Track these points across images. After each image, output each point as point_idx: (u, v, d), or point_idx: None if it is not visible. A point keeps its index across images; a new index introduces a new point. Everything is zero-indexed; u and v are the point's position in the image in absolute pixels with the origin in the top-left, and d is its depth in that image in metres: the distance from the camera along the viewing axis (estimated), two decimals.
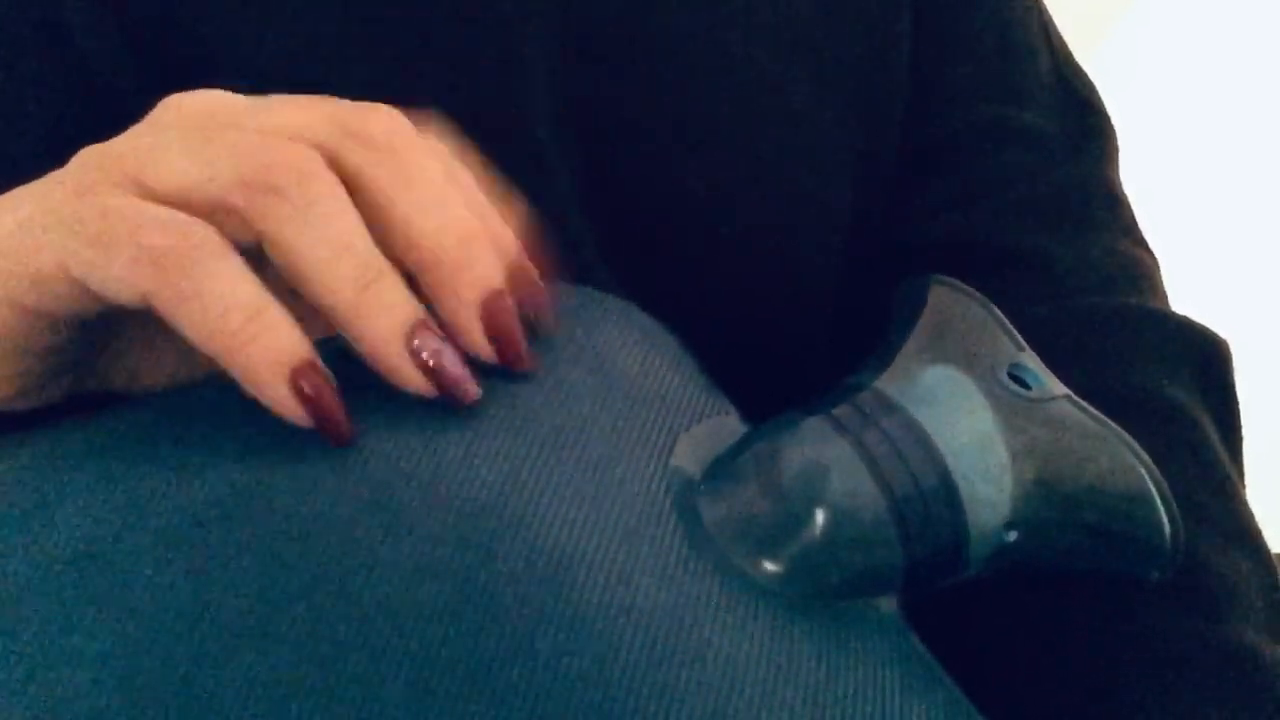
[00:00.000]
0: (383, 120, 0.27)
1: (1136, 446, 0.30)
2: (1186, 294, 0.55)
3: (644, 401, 0.30)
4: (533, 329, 0.29)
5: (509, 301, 0.28)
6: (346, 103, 0.28)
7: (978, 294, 0.33)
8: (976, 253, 0.43)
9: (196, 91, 0.28)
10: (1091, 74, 0.49)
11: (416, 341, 0.27)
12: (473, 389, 0.28)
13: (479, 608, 0.24)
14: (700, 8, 0.40)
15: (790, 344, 0.42)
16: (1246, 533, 0.36)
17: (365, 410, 0.27)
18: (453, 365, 0.27)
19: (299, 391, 0.26)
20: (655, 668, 0.24)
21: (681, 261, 0.40)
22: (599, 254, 0.39)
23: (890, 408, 0.29)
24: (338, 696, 0.23)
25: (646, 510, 0.28)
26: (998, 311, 0.32)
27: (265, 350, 0.25)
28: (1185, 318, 0.41)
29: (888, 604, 0.30)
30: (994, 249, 0.43)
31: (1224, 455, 0.38)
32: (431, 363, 0.27)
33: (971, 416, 0.30)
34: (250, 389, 0.26)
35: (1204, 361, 0.40)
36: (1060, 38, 0.49)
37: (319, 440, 0.26)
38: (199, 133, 0.27)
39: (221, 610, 0.24)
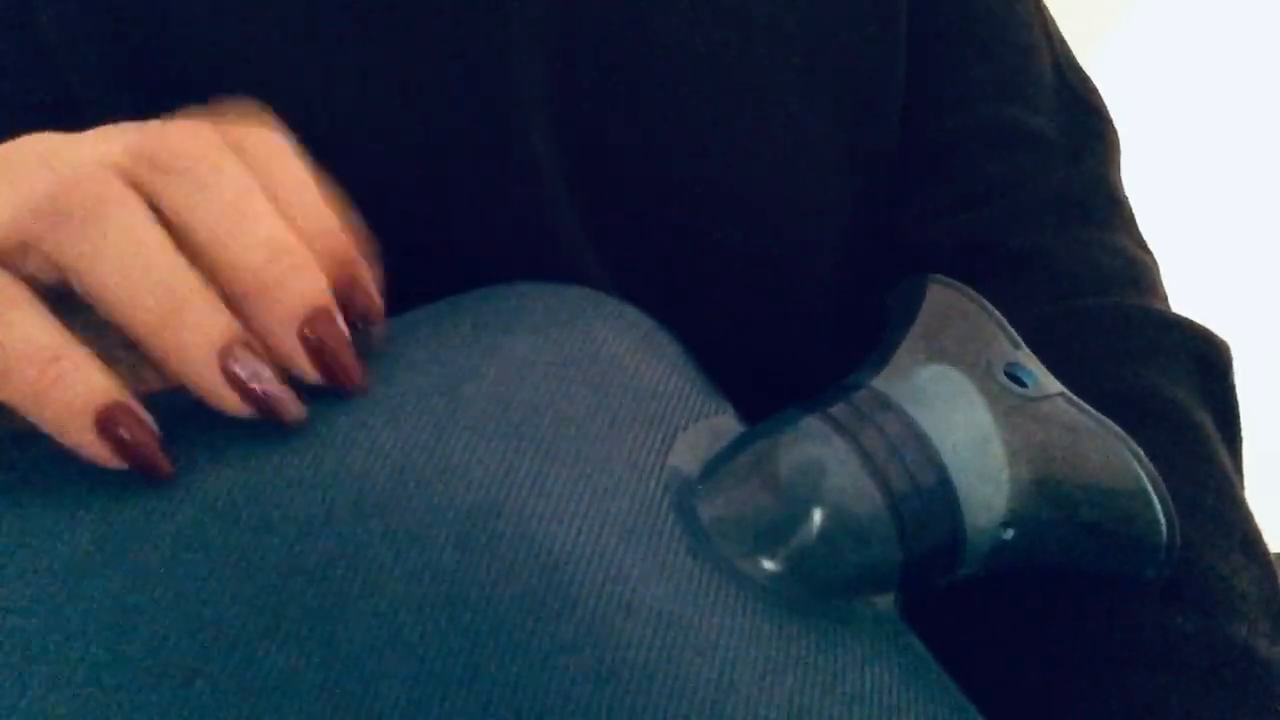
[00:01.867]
0: (181, 140, 0.26)
1: (1133, 445, 0.30)
2: (1186, 295, 0.55)
3: (642, 401, 0.30)
4: (364, 341, 0.28)
5: (332, 317, 0.27)
6: (148, 126, 0.27)
7: (975, 293, 0.33)
8: (977, 253, 0.43)
9: (24, 138, 0.27)
10: (1091, 74, 0.49)
11: (231, 361, 0.25)
12: (294, 409, 0.26)
13: (478, 606, 0.24)
14: (694, 8, 0.40)
15: (788, 343, 0.42)
16: (1245, 532, 0.36)
17: (365, 409, 0.27)
18: (270, 384, 0.26)
19: (108, 435, 0.25)
20: (652, 665, 0.24)
21: (678, 262, 0.40)
22: (593, 255, 0.39)
23: (887, 406, 0.29)
24: (337, 696, 0.23)
25: (644, 509, 0.28)
26: (994, 310, 0.32)
27: (66, 396, 0.24)
28: (1185, 318, 0.41)
29: (885, 602, 0.30)
30: (994, 250, 0.43)
31: (1223, 455, 0.38)
32: (249, 383, 0.26)
33: (968, 415, 0.30)
34: (56, 438, 0.25)
35: (1204, 362, 0.40)
36: (1061, 38, 0.49)
37: (316, 440, 0.26)
38: (5, 173, 0.26)
39: (222, 611, 0.24)
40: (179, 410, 0.28)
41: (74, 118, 0.28)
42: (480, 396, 0.28)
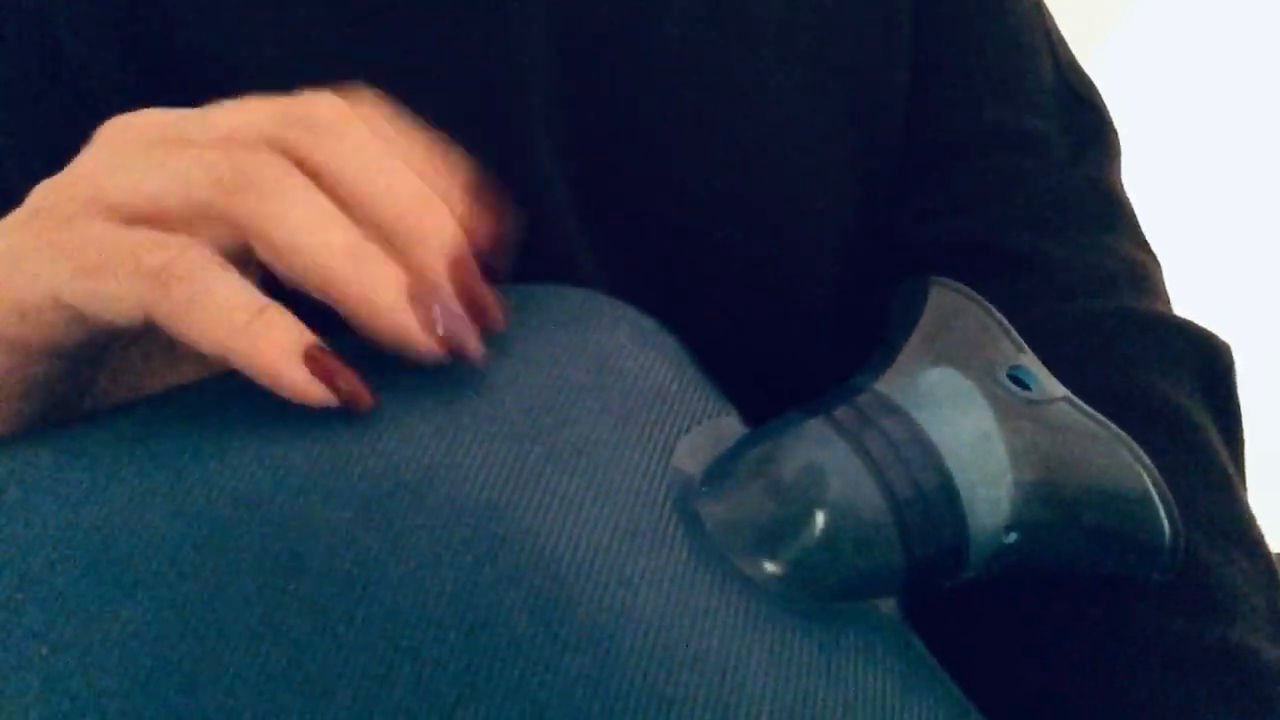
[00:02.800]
0: (321, 105, 0.28)
1: (1136, 448, 0.30)
2: (1188, 296, 0.55)
3: (644, 403, 0.30)
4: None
5: (471, 258, 0.29)
6: (282, 97, 0.29)
7: (977, 296, 0.33)
8: (978, 255, 0.43)
9: (138, 112, 0.29)
10: (1092, 74, 0.49)
11: (422, 296, 0.27)
12: (477, 344, 0.28)
13: (480, 609, 0.24)
14: (697, 12, 0.40)
15: (790, 345, 0.42)
16: (1247, 535, 0.36)
17: (364, 414, 0.27)
18: (459, 321, 0.28)
19: (316, 368, 0.26)
20: (655, 669, 0.24)
21: (680, 263, 0.40)
22: (596, 259, 0.39)
23: (890, 409, 0.29)
24: (339, 697, 0.23)
25: (647, 512, 0.28)
26: (997, 313, 0.32)
27: (276, 341, 0.26)
28: (1187, 320, 0.41)
29: (888, 605, 0.30)
30: (996, 252, 0.43)
31: (1225, 457, 0.38)
32: (438, 319, 0.27)
33: (971, 418, 0.30)
34: (267, 380, 0.26)
35: (1206, 364, 0.40)
36: (1062, 39, 0.49)
37: (317, 443, 0.26)
38: (157, 148, 0.27)
39: (225, 612, 0.24)
40: (187, 416, 0.28)
41: (95, 122, 0.29)
42: (484, 398, 0.28)
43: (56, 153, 0.28)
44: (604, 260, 0.39)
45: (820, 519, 0.28)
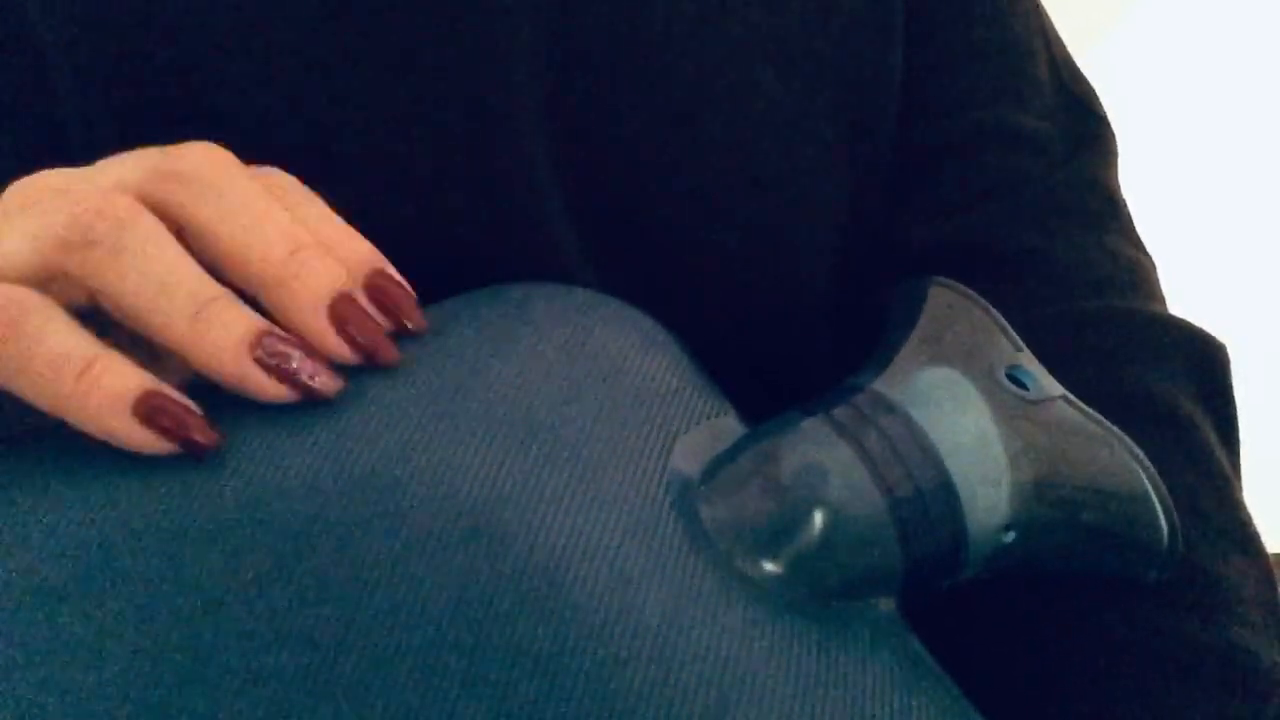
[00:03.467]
0: (195, 155, 0.28)
1: (1134, 447, 0.30)
2: (1184, 296, 0.55)
3: (643, 402, 0.30)
4: (401, 329, 0.30)
5: (355, 299, 0.28)
6: (159, 148, 0.28)
7: (976, 295, 0.33)
8: (975, 256, 0.43)
9: (41, 172, 0.29)
10: (1090, 75, 0.49)
11: (260, 350, 0.27)
12: (329, 381, 0.28)
13: (480, 608, 0.24)
14: (689, 12, 0.40)
15: (788, 345, 0.42)
16: (1244, 535, 0.36)
17: (367, 411, 0.27)
18: (302, 362, 0.27)
19: (148, 420, 0.26)
20: (654, 669, 0.24)
21: (674, 265, 0.40)
22: (589, 259, 0.39)
23: (889, 409, 0.29)
24: (340, 697, 0.23)
25: (646, 511, 0.28)
26: (995, 313, 0.32)
27: (104, 393, 0.26)
28: (1183, 320, 0.41)
29: (886, 605, 0.30)
30: (993, 252, 0.43)
31: (1222, 457, 0.38)
32: (278, 365, 0.27)
33: (969, 417, 0.30)
34: (102, 437, 0.26)
35: (1202, 364, 0.40)
36: (1059, 40, 0.49)
37: (316, 446, 0.26)
38: (32, 207, 0.27)
39: (223, 610, 0.24)
40: None
41: (72, 155, 0.29)
42: (482, 398, 0.28)
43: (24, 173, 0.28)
44: (598, 262, 0.39)
45: (819, 518, 0.28)
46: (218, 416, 0.27)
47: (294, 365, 0.27)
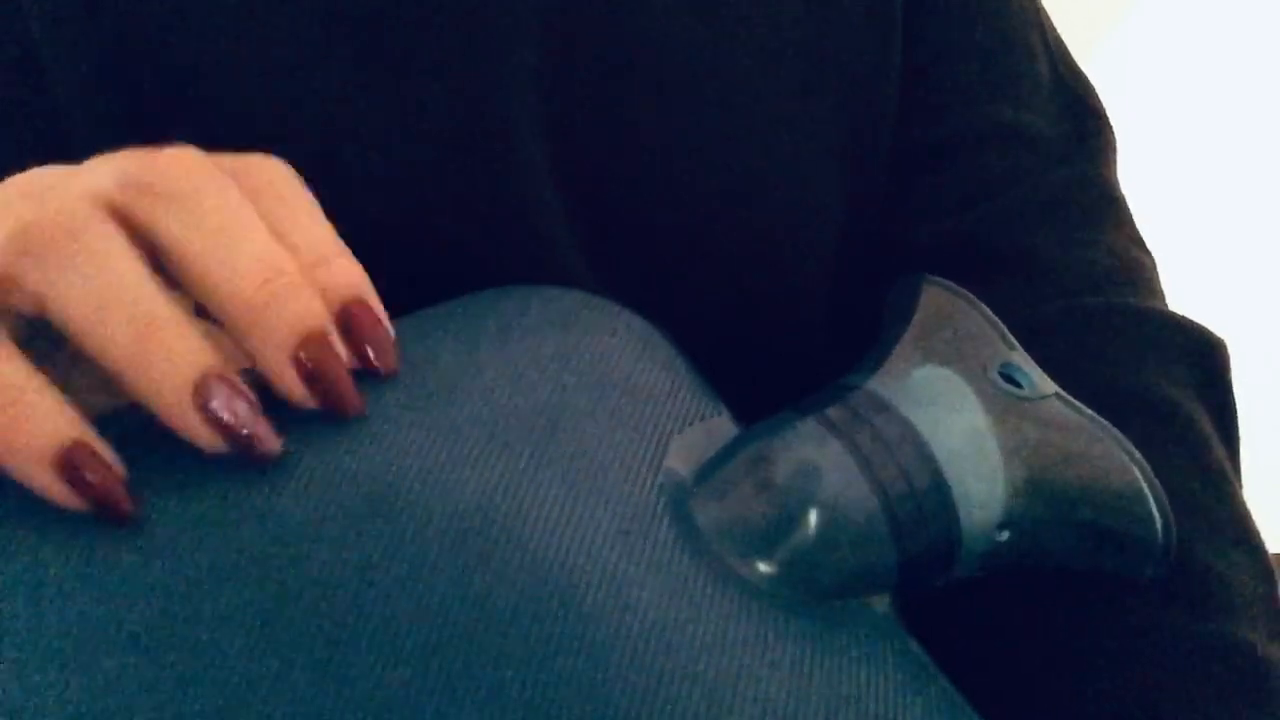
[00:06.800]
0: (169, 164, 0.26)
1: (1129, 444, 0.30)
2: (1184, 294, 0.55)
3: (637, 403, 0.30)
4: (370, 367, 0.27)
5: (328, 342, 0.26)
6: (138, 152, 0.26)
7: (969, 294, 0.33)
8: (973, 254, 0.43)
9: (26, 172, 0.27)
10: (1090, 74, 0.49)
11: (204, 395, 0.24)
12: (271, 444, 0.25)
13: (474, 611, 0.24)
14: (687, 11, 0.40)
15: (783, 345, 0.42)
16: (1243, 531, 0.36)
17: (358, 419, 0.27)
18: (249, 420, 0.25)
19: (68, 477, 0.24)
20: (649, 669, 0.24)
21: (670, 263, 0.40)
22: (586, 259, 0.39)
23: (883, 408, 0.29)
24: (335, 699, 0.23)
25: (640, 512, 0.28)
26: (989, 311, 0.32)
27: (26, 438, 0.24)
28: (1183, 317, 0.41)
29: (881, 604, 0.30)
30: (991, 250, 0.43)
31: (1221, 454, 0.38)
32: (223, 417, 0.24)
33: (963, 416, 0.30)
34: (19, 480, 0.24)
35: (1201, 361, 0.40)
36: (1058, 37, 0.49)
37: (311, 451, 0.26)
38: (4, 210, 0.25)
39: (219, 614, 0.24)
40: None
41: (74, 155, 0.28)
42: (475, 401, 0.28)
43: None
44: (595, 261, 0.39)
45: (813, 518, 0.28)
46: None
47: (239, 421, 0.25)
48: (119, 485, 0.24)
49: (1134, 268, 0.43)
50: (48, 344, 0.26)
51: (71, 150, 0.28)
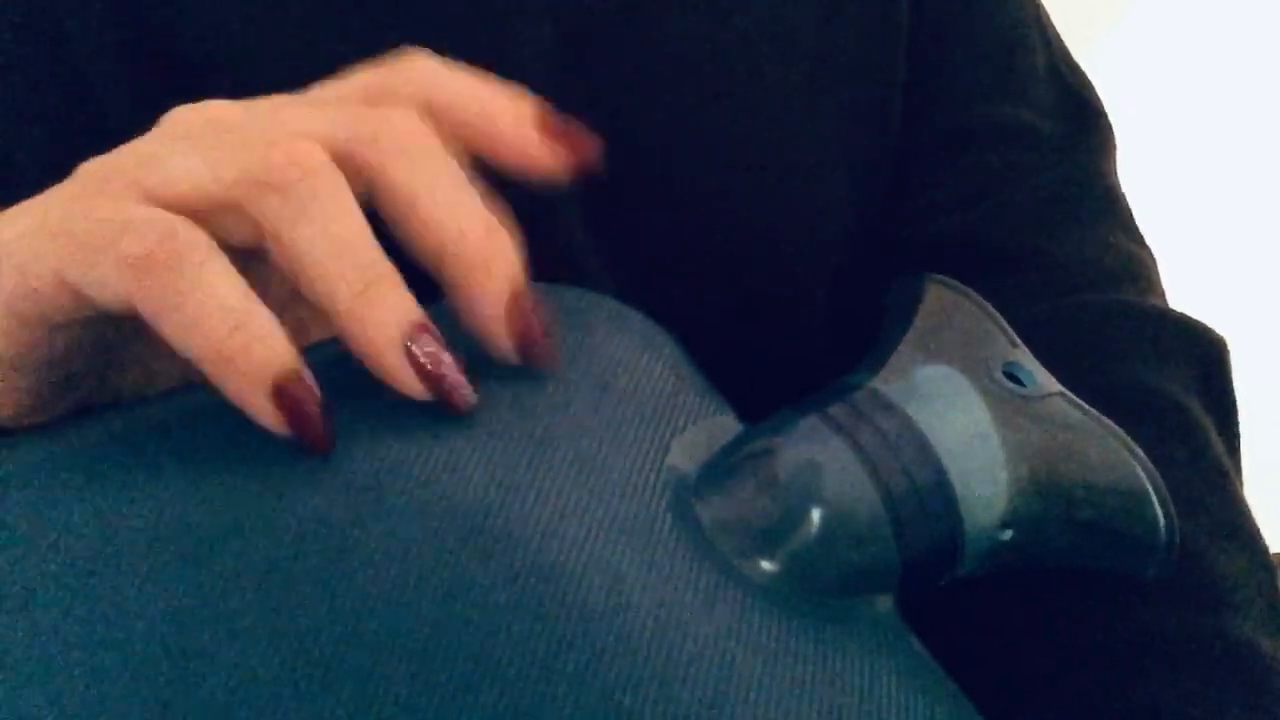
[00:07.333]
0: (399, 123, 0.27)
1: (1132, 443, 0.30)
2: (1185, 292, 0.55)
3: (639, 402, 0.30)
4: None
5: (530, 296, 0.28)
6: (362, 107, 0.28)
7: (972, 292, 0.33)
8: (975, 252, 0.43)
9: (202, 103, 0.28)
10: (1090, 72, 0.49)
11: (415, 345, 0.26)
12: (470, 395, 0.27)
13: (475, 609, 0.24)
14: (696, 9, 0.40)
15: (786, 343, 0.42)
16: (1244, 529, 0.36)
17: (360, 413, 0.27)
18: (451, 371, 0.26)
19: (281, 402, 0.25)
20: (651, 667, 0.24)
21: (677, 262, 0.40)
22: (595, 256, 0.39)
23: (886, 406, 0.29)
24: (335, 698, 0.23)
25: (642, 510, 0.28)
26: (992, 309, 0.32)
27: (249, 361, 0.25)
28: (1183, 315, 0.41)
29: (884, 602, 0.30)
30: (992, 248, 0.43)
31: (1222, 452, 0.38)
32: (429, 367, 0.26)
33: (966, 414, 0.30)
34: (233, 399, 0.25)
35: (1202, 359, 0.40)
36: (1057, 35, 0.49)
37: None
38: (204, 137, 0.26)
39: (217, 612, 0.24)
40: (160, 412, 0.28)
41: (98, 119, 0.28)
42: (478, 399, 0.28)
43: (68, 154, 0.28)
44: (600, 260, 0.39)
45: (816, 516, 0.28)
46: (212, 416, 0.27)
47: (442, 370, 0.26)
48: (323, 419, 0.26)
49: (1134, 265, 0.43)
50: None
51: (110, 135, 0.28)
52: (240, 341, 0.25)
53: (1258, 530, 0.37)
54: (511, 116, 0.29)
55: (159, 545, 0.25)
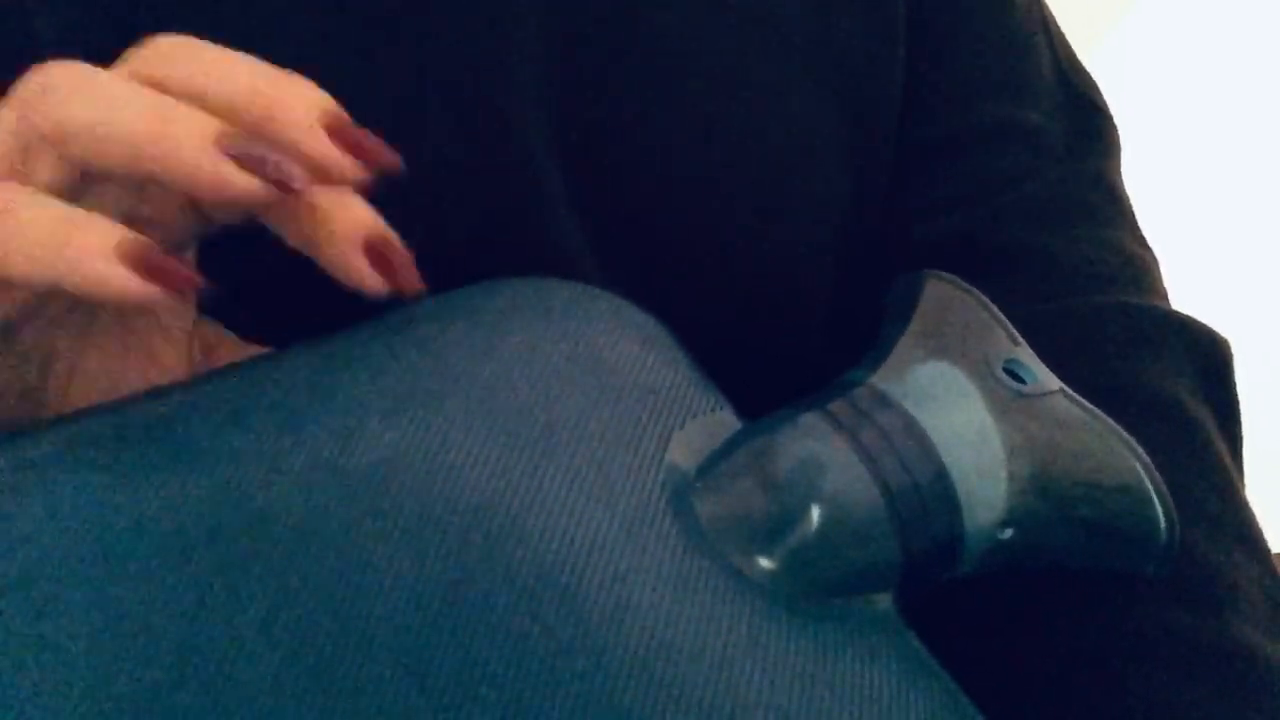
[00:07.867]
0: (158, 38, 0.28)
1: (1132, 441, 0.30)
2: (1186, 293, 0.55)
3: (638, 398, 0.30)
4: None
5: (348, 120, 0.28)
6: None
7: (973, 289, 0.33)
8: (977, 251, 0.43)
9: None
10: (1093, 73, 0.49)
11: (226, 144, 0.26)
12: (298, 172, 0.27)
13: (475, 608, 0.24)
14: (692, 6, 0.40)
15: (786, 340, 0.42)
16: (1245, 530, 0.36)
17: (358, 408, 0.27)
18: (269, 153, 0.26)
19: (134, 263, 0.25)
20: (651, 665, 0.24)
21: (675, 259, 0.40)
22: (590, 253, 0.39)
23: (886, 404, 0.29)
24: (334, 698, 0.23)
25: (641, 507, 0.27)
26: (993, 307, 0.32)
27: (85, 241, 0.25)
28: (1186, 315, 0.41)
29: (884, 600, 0.30)
30: (994, 247, 0.43)
31: (1224, 452, 0.38)
32: (249, 156, 0.26)
33: (967, 412, 0.29)
34: (96, 290, 0.25)
35: (1204, 359, 0.40)
36: (1061, 34, 0.49)
37: (309, 443, 0.26)
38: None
39: (216, 611, 0.24)
40: (155, 410, 0.28)
41: None
42: (475, 394, 0.28)
43: None
44: (597, 255, 0.39)
45: (815, 513, 0.28)
46: (212, 414, 0.27)
47: (264, 156, 0.26)
48: (186, 270, 0.26)
49: (1137, 265, 0.43)
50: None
51: None
52: (66, 231, 0.25)
53: (1259, 531, 0.37)
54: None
55: (154, 540, 0.25)
